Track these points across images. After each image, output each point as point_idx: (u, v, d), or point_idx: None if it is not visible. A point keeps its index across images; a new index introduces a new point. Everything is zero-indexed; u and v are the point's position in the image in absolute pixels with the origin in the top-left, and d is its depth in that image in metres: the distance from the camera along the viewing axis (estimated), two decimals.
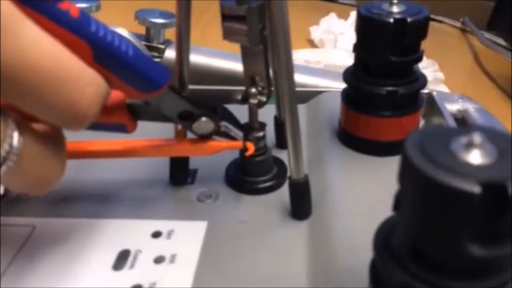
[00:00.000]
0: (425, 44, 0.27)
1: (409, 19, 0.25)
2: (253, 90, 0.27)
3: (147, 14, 0.42)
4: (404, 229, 0.15)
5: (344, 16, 0.72)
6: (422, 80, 0.28)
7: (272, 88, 0.27)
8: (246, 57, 0.26)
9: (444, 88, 0.56)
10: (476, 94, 0.58)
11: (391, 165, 0.30)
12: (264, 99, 0.27)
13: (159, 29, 0.42)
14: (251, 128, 0.28)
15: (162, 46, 0.43)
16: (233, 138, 0.26)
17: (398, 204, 0.16)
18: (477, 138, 0.14)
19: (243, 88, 0.40)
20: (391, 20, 0.26)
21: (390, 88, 0.27)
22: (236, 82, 0.41)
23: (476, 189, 0.13)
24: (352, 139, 0.30)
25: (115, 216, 0.27)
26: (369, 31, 0.27)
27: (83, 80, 0.19)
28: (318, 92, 0.38)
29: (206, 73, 0.43)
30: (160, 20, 0.42)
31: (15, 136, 0.18)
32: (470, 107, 0.41)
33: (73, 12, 0.20)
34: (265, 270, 0.23)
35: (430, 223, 0.14)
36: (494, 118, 0.39)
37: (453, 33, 0.82)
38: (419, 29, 0.26)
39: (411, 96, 0.28)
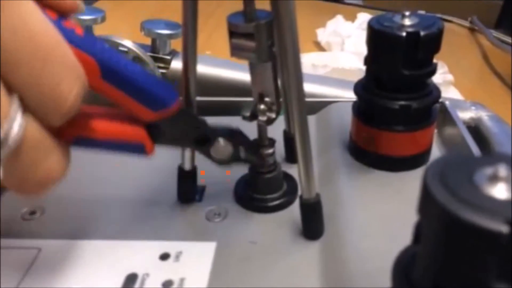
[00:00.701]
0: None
1: (422, 33, 0.25)
2: (262, 106, 0.26)
3: (152, 25, 0.42)
4: (425, 264, 0.14)
5: (351, 18, 0.72)
6: (435, 93, 0.27)
7: (281, 99, 0.26)
8: (254, 73, 0.26)
9: (454, 91, 0.55)
10: (486, 95, 0.57)
11: (405, 180, 0.29)
12: (273, 115, 0.26)
13: (165, 40, 0.42)
14: (260, 145, 0.27)
15: (168, 57, 0.42)
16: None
17: (418, 236, 0.15)
18: (502, 170, 0.13)
19: (250, 99, 0.40)
20: (404, 33, 0.25)
21: (403, 103, 0.26)
22: (242, 92, 0.41)
23: (504, 228, 0.12)
24: (364, 153, 0.29)
25: (122, 237, 0.26)
26: (381, 45, 0.26)
27: (76, 71, 0.19)
28: (327, 103, 0.37)
29: (211, 83, 0.42)
30: (166, 31, 0.41)
31: (18, 117, 0.18)
32: (484, 115, 0.40)
33: (78, 31, 0.19)
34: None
35: (453, 260, 0.13)
36: (508, 127, 0.38)
37: (462, 32, 0.81)
38: (433, 42, 0.25)
39: (425, 110, 0.27)
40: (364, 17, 0.77)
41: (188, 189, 0.28)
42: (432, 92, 0.27)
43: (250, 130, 0.27)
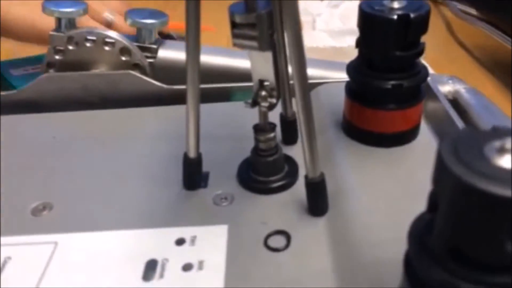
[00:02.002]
0: None
1: (412, 15, 0.26)
2: (263, 93, 0.27)
3: (136, 15, 0.42)
4: (442, 230, 0.16)
5: None
6: (424, 72, 0.29)
7: None
8: (254, 61, 0.27)
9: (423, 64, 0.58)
10: (453, 67, 0.60)
11: (398, 155, 0.31)
12: (274, 101, 0.27)
13: (150, 29, 0.42)
14: (262, 130, 0.28)
15: (155, 46, 0.42)
16: None
17: (433, 205, 0.17)
18: (508, 143, 0.15)
19: (238, 84, 0.41)
20: (395, 16, 0.26)
21: (395, 82, 0.28)
22: (232, 78, 0.42)
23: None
24: (358, 132, 0.31)
25: (136, 226, 0.27)
26: (373, 28, 0.27)
27: None
28: (315, 84, 0.39)
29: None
30: (150, 20, 0.42)
31: None
32: (461, 88, 0.42)
33: None
34: (291, 270, 0.24)
35: (469, 224, 0.15)
36: (485, 98, 0.41)
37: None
38: (422, 24, 0.27)
39: (415, 88, 0.29)
40: None
41: (193, 176, 0.29)
42: (421, 71, 0.29)
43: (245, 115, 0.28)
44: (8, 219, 0.28)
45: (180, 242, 0.26)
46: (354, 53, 0.30)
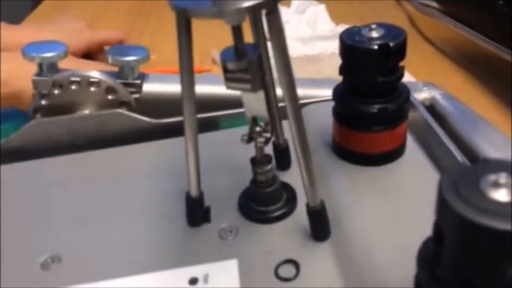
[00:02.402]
0: (360, 15, 0.29)
1: (391, 44, 0.28)
2: (258, 128, 0.28)
3: (118, 53, 0.42)
4: (451, 264, 0.17)
5: (285, 3, 0.75)
6: (406, 92, 0.31)
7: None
8: (246, 100, 0.28)
9: None
10: (420, 61, 0.62)
11: (390, 172, 0.33)
12: (268, 135, 0.28)
13: (132, 66, 0.43)
14: (259, 163, 0.29)
15: (138, 81, 0.43)
16: None
17: (438, 235, 0.18)
18: (502, 178, 0.17)
19: (227, 112, 0.41)
20: (375, 47, 0.28)
21: (380, 106, 0.29)
22: (217, 106, 0.42)
23: (508, 226, 0.15)
24: (349, 153, 0.32)
25: (148, 270, 0.28)
26: (355, 58, 0.29)
27: None
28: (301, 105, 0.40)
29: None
30: (132, 58, 0.42)
31: None
32: (437, 94, 0.44)
33: None
34: None
35: (474, 258, 0.17)
36: (461, 104, 0.43)
37: (388, 2, 0.85)
38: (401, 51, 0.28)
39: (399, 109, 0.30)
40: (299, 1, 0.79)
41: (197, 213, 0.30)
42: (403, 92, 0.30)
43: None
44: (17, 275, 0.28)
45: (193, 281, 0.27)
46: (326, 60, 0.31)
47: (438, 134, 0.34)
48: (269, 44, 0.26)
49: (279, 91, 0.26)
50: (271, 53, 0.25)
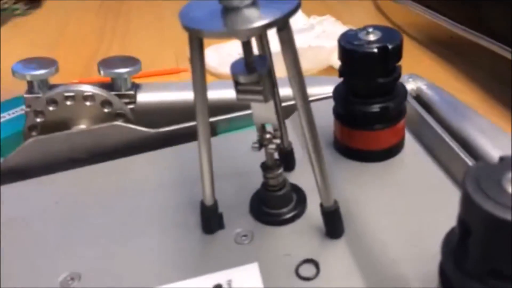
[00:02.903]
0: (329, 5, 0.30)
1: (389, 46, 0.29)
2: (267, 136, 0.29)
3: (109, 65, 0.42)
4: (479, 257, 0.19)
5: None
6: (403, 90, 0.32)
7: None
8: (256, 109, 0.29)
9: None
10: None
11: (392, 167, 0.34)
12: (279, 141, 0.29)
13: (125, 78, 0.43)
14: (270, 168, 0.30)
15: (132, 92, 0.43)
16: None
17: (464, 230, 0.20)
18: None
19: (225, 116, 0.42)
20: (375, 50, 0.29)
21: (381, 105, 0.31)
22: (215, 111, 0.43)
23: None
24: (351, 150, 0.34)
25: (170, 280, 0.28)
26: (355, 61, 0.30)
27: None
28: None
29: (179, 109, 0.44)
30: (124, 69, 0.42)
31: None
32: (422, 85, 0.46)
33: None
34: None
35: (502, 250, 0.18)
36: (446, 93, 0.45)
37: None
38: (398, 52, 0.30)
39: (399, 107, 0.32)
40: None
41: (212, 221, 0.31)
42: (400, 90, 0.32)
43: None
44: None
45: None
46: (304, 54, 0.31)
47: (431, 125, 0.36)
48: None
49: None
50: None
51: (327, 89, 0.40)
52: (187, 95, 0.44)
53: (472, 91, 0.57)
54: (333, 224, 0.29)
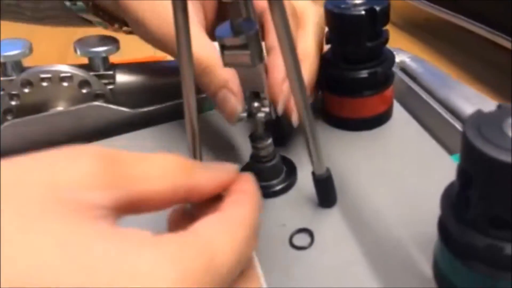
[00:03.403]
0: None
1: (377, 8, 0.28)
2: (256, 104, 0.28)
3: (86, 45, 0.41)
4: (481, 205, 0.18)
5: None
6: (391, 56, 0.31)
7: None
8: (245, 76, 0.28)
9: None
10: None
11: (381, 134, 0.34)
12: (267, 109, 0.29)
13: (103, 57, 0.41)
14: (260, 138, 0.30)
15: (111, 72, 0.42)
16: None
17: (465, 179, 0.19)
18: None
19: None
20: (362, 12, 0.28)
21: (370, 70, 0.30)
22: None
23: None
24: (339, 120, 0.33)
25: None
26: (344, 26, 0.29)
27: None
28: None
29: (158, 90, 0.43)
30: (101, 48, 0.41)
31: None
32: (406, 58, 0.46)
33: None
34: (324, 262, 0.26)
35: (505, 196, 0.18)
36: (429, 64, 0.45)
37: None
38: (386, 15, 0.29)
39: (387, 72, 0.31)
40: None
41: None
42: (388, 55, 0.31)
43: None
44: None
45: None
46: None
47: (419, 94, 0.36)
48: None
49: None
50: None
51: None
52: (167, 75, 0.43)
53: (450, 71, 0.57)
54: (326, 192, 0.29)
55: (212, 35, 0.29)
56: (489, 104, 0.38)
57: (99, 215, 0.16)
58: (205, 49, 0.29)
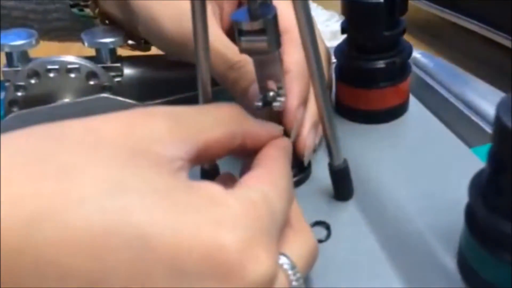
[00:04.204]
0: None
1: None
2: (272, 93, 0.28)
3: (93, 35, 0.40)
4: None
5: None
6: (409, 46, 0.31)
7: None
8: (260, 66, 0.27)
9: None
10: None
11: (398, 128, 0.33)
12: (283, 99, 0.28)
13: (110, 48, 0.40)
14: None
15: (119, 64, 0.41)
16: None
17: (497, 165, 0.18)
18: None
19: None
20: (381, 0, 0.28)
21: (388, 60, 0.30)
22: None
23: None
24: (354, 112, 0.32)
25: None
26: (361, 14, 0.28)
27: None
28: None
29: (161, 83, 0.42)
30: (108, 39, 0.40)
31: None
32: (417, 54, 0.45)
33: None
34: (342, 255, 0.25)
35: None
36: (440, 60, 0.44)
37: None
38: (404, 3, 0.28)
39: (404, 63, 0.31)
40: None
41: None
42: (405, 45, 0.31)
43: None
44: None
45: None
46: None
47: (434, 88, 0.35)
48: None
49: None
50: None
51: None
52: (175, 68, 0.42)
53: None
54: (343, 184, 0.28)
55: (230, 38, 0.29)
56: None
57: (177, 167, 0.17)
58: (229, 46, 0.28)
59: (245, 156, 0.23)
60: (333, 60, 0.33)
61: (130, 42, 0.41)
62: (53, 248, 0.14)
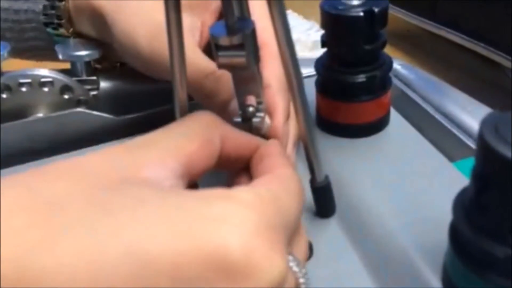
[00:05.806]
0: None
1: (375, 9, 0.27)
2: (251, 109, 0.27)
3: (67, 48, 0.39)
4: (502, 212, 0.17)
5: None
6: (389, 60, 0.30)
7: None
8: (239, 81, 0.26)
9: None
10: None
11: (379, 142, 0.32)
12: (262, 114, 0.27)
13: (86, 62, 0.39)
14: None
15: (95, 78, 0.40)
16: None
17: (481, 184, 0.18)
18: None
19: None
20: (361, 13, 0.27)
21: (368, 74, 0.29)
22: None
23: None
24: (335, 126, 0.32)
25: None
26: (341, 27, 0.28)
27: None
28: None
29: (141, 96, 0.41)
30: (84, 52, 0.39)
31: None
32: (397, 65, 0.45)
33: None
34: (325, 275, 0.24)
35: None
36: (419, 71, 0.44)
37: None
38: (384, 17, 0.28)
39: (385, 77, 0.30)
40: None
41: None
42: (386, 59, 0.30)
43: None
44: None
45: None
46: None
47: (415, 100, 0.35)
48: None
49: None
50: None
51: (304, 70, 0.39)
52: (153, 81, 0.41)
53: None
54: (325, 201, 0.27)
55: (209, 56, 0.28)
56: (484, 110, 0.38)
57: (168, 185, 0.17)
58: (203, 57, 0.27)
59: (231, 168, 0.23)
60: (313, 72, 0.33)
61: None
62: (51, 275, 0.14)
